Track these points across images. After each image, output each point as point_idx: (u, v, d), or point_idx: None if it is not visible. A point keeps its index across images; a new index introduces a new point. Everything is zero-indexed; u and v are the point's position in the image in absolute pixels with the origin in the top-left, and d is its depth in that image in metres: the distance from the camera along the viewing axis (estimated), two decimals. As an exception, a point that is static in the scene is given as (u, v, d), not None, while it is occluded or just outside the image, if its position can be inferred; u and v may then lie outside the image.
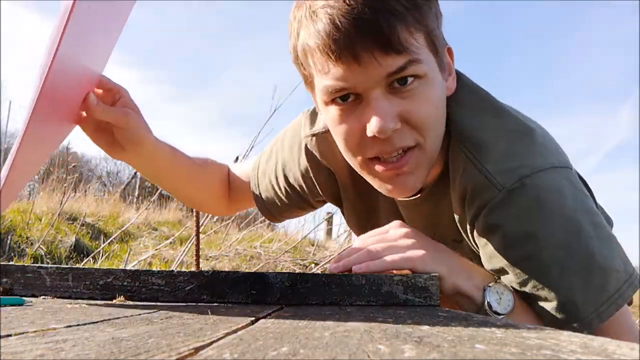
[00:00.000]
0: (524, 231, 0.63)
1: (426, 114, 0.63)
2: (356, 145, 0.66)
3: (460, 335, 0.30)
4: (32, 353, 0.22)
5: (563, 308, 0.62)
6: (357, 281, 0.61)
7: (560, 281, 0.62)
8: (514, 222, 0.63)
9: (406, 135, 0.63)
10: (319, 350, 0.24)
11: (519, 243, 0.63)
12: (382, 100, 0.61)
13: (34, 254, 2.95)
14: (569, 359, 0.22)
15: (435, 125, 0.65)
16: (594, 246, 0.62)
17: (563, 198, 0.63)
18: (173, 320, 0.38)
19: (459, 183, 0.68)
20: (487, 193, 0.64)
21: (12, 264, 0.62)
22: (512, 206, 0.63)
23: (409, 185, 0.67)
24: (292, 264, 3.28)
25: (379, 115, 0.60)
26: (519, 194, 0.62)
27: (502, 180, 0.63)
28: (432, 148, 0.66)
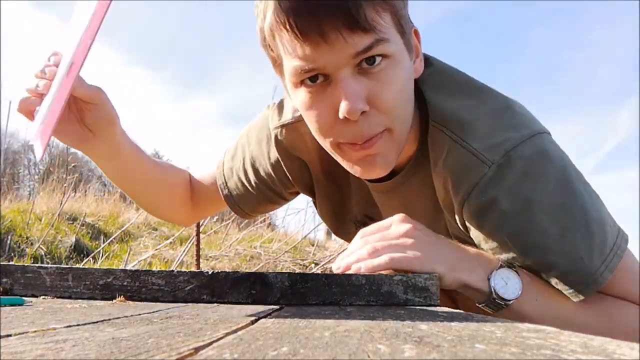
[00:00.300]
0: (519, 201, 0.63)
1: (394, 97, 0.63)
2: (328, 128, 0.66)
3: (460, 335, 0.30)
4: (32, 353, 0.22)
5: (572, 269, 0.62)
6: (357, 281, 0.61)
7: (564, 242, 0.62)
8: (508, 195, 0.63)
9: (375, 120, 0.63)
10: (319, 350, 0.24)
11: (516, 214, 0.63)
12: (351, 80, 0.61)
13: (34, 254, 2.95)
14: (569, 358, 0.22)
15: (404, 107, 0.66)
16: (587, 202, 0.64)
17: (551, 162, 0.64)
18: (173, 320, 0.38)
19: (444, 166, 0.68)
20: (476, 171, 0.64)
21: (12, 264, 0.62)
22: (504, 180, 0.63)
23: (378, 166, 0.68)
24: (292, 264, 3.28)
25: (348, 97, 0.60)
26: (508, 166, 0.63)
27: (491, 156, 0.64)
28: (401, 131, 0.67)
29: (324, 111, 0.64)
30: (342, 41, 0.58)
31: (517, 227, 0.64)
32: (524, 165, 0.63)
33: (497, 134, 0.65)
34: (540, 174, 0.63)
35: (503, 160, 0.63)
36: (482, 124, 0.66)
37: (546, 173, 0.63)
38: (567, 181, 0.64)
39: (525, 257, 0.64)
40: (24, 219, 3.40)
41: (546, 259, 0.63)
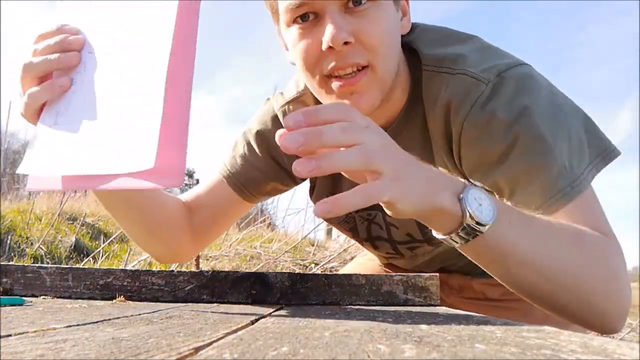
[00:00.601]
0: (516, 110, 0.66)
1: (378, 34, 0.67)
2: (314, 61, 0.69)
3: (460, 335, 0.30)
4: (32, 353, 0.22)
5: (560, 172, 0.64)
6: (357, 281, 0.61)
7: (555, 147, 0.64)
8: (504, 107, 0.66)
9: (358, 52, 0.67)
10: (319, 350, 0.24)
11: (513, 121, 0.66)
12: (337, 15, 0.66)
13: (34, 254, 2.95)
14: (569, 358, 0.22)
15: (388, 48, 0.69)
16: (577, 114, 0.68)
17: (538, 82, 0.69)
18: (173, 320, 0.38)
19: (444, 98, 0.71)
20: (475, 90, 0.68)
21: (12, 264, 0.62)
22: (500, 95, 0.67)
23: (362, 104, 0.69)
24: (292, 264, 3.28)
25: (334, 27, 0.65)
26: (502, 84, 0.67)
27: (487, 76, 0.68)
28: (384, 72, 0.69)
29: (311, 44, 0.68)
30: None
31: (513, 137, 0.66)
32: (516, 83, 0.68)
33: (487, 61, 0.70)
34: (532, 89, 0.68)
35: (497, 80, 0.68)
36: (473, 57, 0.71)
37: (537, 89, 0.68)
38: (557, 96, 0.69)
39: (518, 165, 0.65)
40: (24, 219, 3.40)
41: (537, 164, 0.64)
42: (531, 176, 0.65)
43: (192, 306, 0.54)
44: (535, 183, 0.64)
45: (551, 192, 0.64)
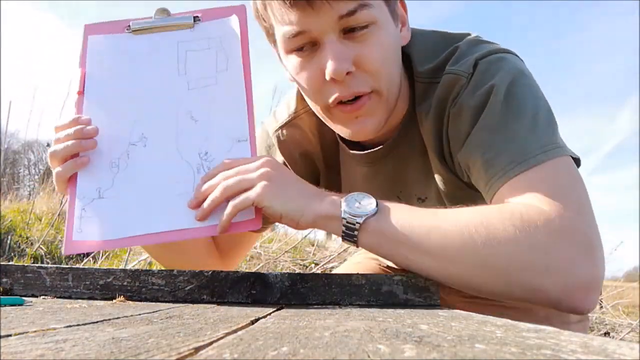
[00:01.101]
0: (482, 93, 0.67)
1: (379, 59, 0.67)
2: (317, 89, 0.70)
3: (460, 335, 0.30)
4: (32, 353, 0.22)
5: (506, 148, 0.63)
6: (357, 281, 0.61)
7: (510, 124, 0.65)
8: (473, 92, 0.68)
9: (361, 80, 0.67)
10: (319, 350, 0.24)
11: (481, 106, 0.67)
12: (336, 43, 0.65)
13: (34, 254, 2.95)
14: (569, 358, 0.22)
15: (389, 70, 0.69)
16: (541, 102, 0.68)
17: (511, 63, 0.70)
18: (173, 320, 0.38)
19: (436, 102, 0.72)
20: (456, 85, 0.69)
21: (12, 264, 0.62)
22: (471, 83, 0.69)
23: (367, 127, 0.71)
24: (292, 264, 3.28)
25: (333, 58, 0.65)
26: (475, 72, 0.69)
27: (466, 69, 0.69)
28: (388, 93, 0.70)
29: (313, 74, 0.68)
30: (327, 6, 0.63)
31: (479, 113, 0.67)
32: (487, 67, 0.69)
33: (470, 54, 0.71)
34: (500, 70, 0.68)
35: (473, 69, 0.69)
36: (457, 54, 0.72)
37: (507, 71, 0.68)
38: (524, 79, 0.69)
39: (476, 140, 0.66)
40: (24, 219, 3.40)
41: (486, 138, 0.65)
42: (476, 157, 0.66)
43: (192, 306, 0.54)
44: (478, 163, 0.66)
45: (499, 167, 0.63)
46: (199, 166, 0.67)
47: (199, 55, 0.72)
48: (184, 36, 0.73)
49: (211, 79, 0.71)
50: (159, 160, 0.67)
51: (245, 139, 0.68)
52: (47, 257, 3.05)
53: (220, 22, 0.74)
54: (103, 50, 0.73)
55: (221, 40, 0.73)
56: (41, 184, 4.74)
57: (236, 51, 0.72)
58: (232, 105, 0.70)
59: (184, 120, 0.69)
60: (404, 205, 0.63)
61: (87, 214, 0.65)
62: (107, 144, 0.68)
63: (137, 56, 0.73)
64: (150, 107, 0.70)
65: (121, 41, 0.73)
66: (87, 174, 0.67)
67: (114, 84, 0.71)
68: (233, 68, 0.72)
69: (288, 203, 0.62)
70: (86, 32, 0.74)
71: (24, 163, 15.39)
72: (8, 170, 7.70)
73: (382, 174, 0.82)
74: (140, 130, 0.69)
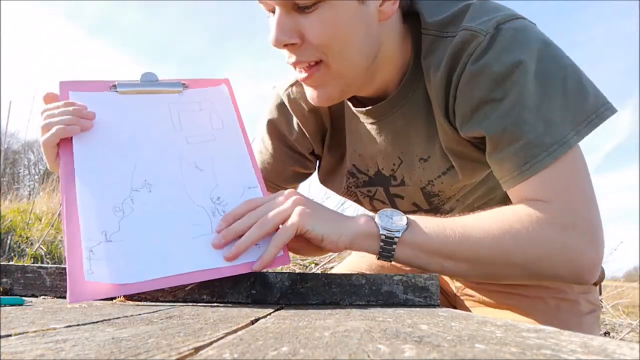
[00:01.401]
0: (509, 63, 0.66)
1: (325, 33, 0.68)
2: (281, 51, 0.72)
3: (460, 335, 0.30)
4: (32, 353, 0.22)
5: (544, 131, 0.65)
6: (357, 281, 0.61)
7: (542, 105, 0.66)
8: (498, 58, 0.67)
9: (308, 50, 0.69)
10: (319, 350, 0.24)
11: (505, 76, 0.66)
12: (282, 15, 0.67)
13: (34, 254, 2.95)
14: (569, 358, 0.22)
15: (343, 46, 0.70)
16: (569, 72, 0.68)
17: (537, 34, 0.70)
18: (173, 320, 0.38)
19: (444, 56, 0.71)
20: (473, 42, 0.68)
21: (12, 264, 0.62)
22: (495, 45, 0.67)
23: (319, 96, 0.74)
24: (292, 264, 3.28)
25: (275, 28, 0.68)
26: (499, 34, 0.68)
27: (485, 27, 0.68)
28: (340, 68, 0.71)
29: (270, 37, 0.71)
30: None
31: (504, 89, 0.66)
32: (513, 34, 0.68)
33: (486, 14, 0.71)
34: (528, 41, 0.68)
35: (494, 31, 0.68)
36: (474, 12, 0.71)
37: (534, 42, 0.68)
38: (551, 50, 0.69)
39: (505, 119, 0.66)
40: (24, 219, 3.40)
41: (526, 117, 0.65)
42: (508, 140, 0.67)
43: (192, 306, 0.54)
44: (510, 148, 0.66)
45: (522, 161, 0.66)
46: (214, 210, 0.65)
47: (192, 115, 0.73)
48: (173, 99, 0.74)
49: (209, 136, 0.72)
50: (169, 205, 0.64)
51: (255, 186, 0.69)
52: (47, 257, 3.05)
53: (209, 90, 0.76)
54: (88, 105, 0.69)
55: (212, 103, 0.75)
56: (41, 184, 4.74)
57: (230, 112, 0.75)
58: (235, 157, 0.71)
59: (189, 169, 0.68)
60: (430, 217, 0.68)
61: (95, 256, 0.59)
62: (108, 190, 0.64)
63: (127, 111, 0.71)
64: (150, 156, 0.68)
65: (107, 98, 0.71)
66: (89, 216, 0.61)
67: (106, 134, 0.68)
68: (229, 125, 0.73)
69: (327, 225, 0.63)
70: (64, 88, 0.71)
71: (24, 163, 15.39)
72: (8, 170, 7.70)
73: (386, 132, 0.82)
74: (142, 177, 0.66)
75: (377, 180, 0.88)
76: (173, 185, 0.66)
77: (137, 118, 0.71)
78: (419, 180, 0.83)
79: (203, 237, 0.63)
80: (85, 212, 0.62)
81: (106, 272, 0.57)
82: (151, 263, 0.59)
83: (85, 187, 0.64)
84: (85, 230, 0.60)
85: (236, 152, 0.71)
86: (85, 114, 0.67)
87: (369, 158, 0.87)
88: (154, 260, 0.60)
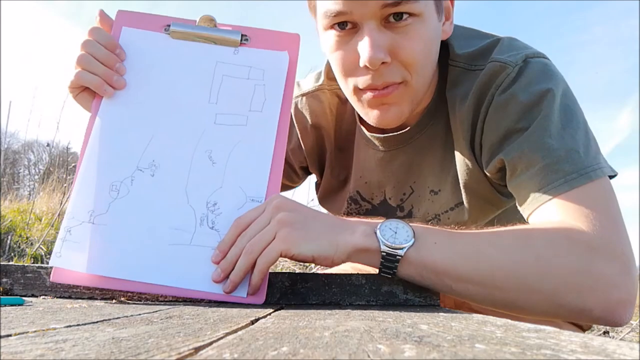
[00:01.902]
0: (537, 93, 0.66)
1: (417, 51, 0.66)
2: (350, 72, 0.69)
3: (460, 335, 0.30)
4: (32, 353, 0.22)
5: (567, 157, 0.63)
6: (357, 281, 0.61)
7: (566, 133, 0.65)
8: (526, 88, 0.67)
9: (394, 70, 0.67)
10: (319, 350, 0.24)
11: (532, 105, 0.66)
12: (375, 31, 0.64)
13: (34, 254, 2.95)
14: (569, 358, 0.22)
15: (425, 64, 0.69)
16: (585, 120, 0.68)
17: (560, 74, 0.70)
18: (173, 320, 0.38)
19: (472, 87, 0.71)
20: (502, 74, 0.69)
21: (12, 264, 0.62)
22: (523, 77, 0.67)
23: (391, 114, 0.71)
24: (292, 264, 3.28)
25: (370, 46, 0.64)
26: (527, 67, 0.68)
27: (514, 59, 0.69)
28: (417, 86, 0.70)
29: (348, 56, 0.68)
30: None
31: (534, 114, 0.66)
32: (541, 67, 0.68)
33: (514, 50, 0.71)
34: (554, 75, 0.68)
35: (523, 64, 0.68)
36: (502, 46, 0.72)
37: (560, 77, 0.68)
38: (571, 92, 0.69)
39: (525, 143, 0.65)
40: (24, 219, 3.40)
41: (547, 142, 0.64)
42: (525, 164, 0.65)
43: (192, 306, 0.54)
44: (527, 172, 0.65)
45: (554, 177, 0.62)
46: (204, 217, 0.60)
47: (236, 84, 0.65)
48: (225, 56, 0.66)
49: (241, 118, 0.64)
50: (163, 197, 0.60)
51: (260, 201, 0.61)
52: (47, 257, 3.05)
53: (268, 55, 0.67)
54: (136, 47, 0.66)
55: (264, 74, 0.66)
56: (41, 184, 4.74)
57: (277, 93, 0.65)
58: (256, 157, 0.63)
59: (201, 158, 0.62)
60: (441, 230, 0.60)
61: (72, 237, 0.58)
62: (114, 162, 0.61)
63: (171, 65, 0.66)
64: (169, 131, 0.63)
65: (158, 42, 0.67)
66: (84, 190, 0.60)
67: (140, 89, 0.65)
68: (269, 112, 0.65)
69: (317, 242, 0.56)
70: (119, 20, 0.67)
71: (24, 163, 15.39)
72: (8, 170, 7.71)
73: (398, 161, 0.81)
74: (152, 156, 0.62)
75: (381, 210, 0.87)
76: (177, 174, 0.61)
77: (178, 77, 0.66)
78: (426, 213, 0.82)
79: (179, 248, 0.58)
80: (81, 185, 0.60)
81: (74, 258, 0.57)
82: (123, 261, 0.57)
83: (93, 153, 0.62)
84: (73, 206, 0.59)
85: (260, 150, 0.63)
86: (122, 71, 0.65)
87: (376, 186, 0.85)
88: (126, 258, 0.57)
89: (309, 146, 0.90)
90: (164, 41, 0.67)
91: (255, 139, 0.64)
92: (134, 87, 0.65)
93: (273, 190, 0.62)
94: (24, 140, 14.10)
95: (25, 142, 14.16)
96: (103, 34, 0.66)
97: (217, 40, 0.67)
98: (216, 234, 0.60)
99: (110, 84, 0.65)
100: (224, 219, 0.60)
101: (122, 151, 0.62)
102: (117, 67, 0.65)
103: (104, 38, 0.66)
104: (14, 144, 13.91)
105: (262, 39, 0.67)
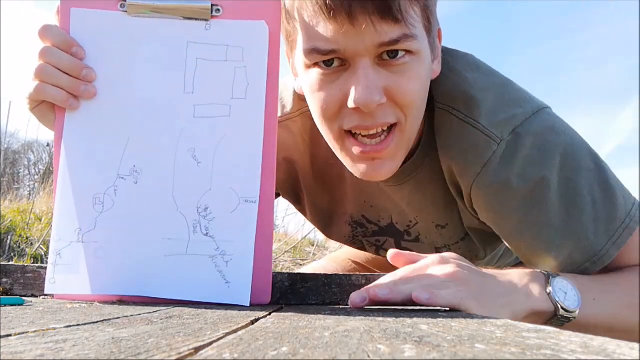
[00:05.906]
0: (532, 180, 0.62)
1: (414, 92, 0.60)
2: (333, 113, 0.61)
3: (460, 335, 0.30)
4: (32, 353, 0.22)
5: (578, 248, 0.62)
6: (357, 281, 0.61)
7: (571, 221, 0.62)
8: (519, 174, 0.62)
9: (388, 111, 0.60)
10: (319, 350, 0.24)
11: (528, 193, 0.62)
12: (370, 70, 0.57)
13: (34, 254, 2.95)
14: (569, 358, 0.22)
15: (421, 105, 0.63)
16: (594, 177, 0.63)
17: (558, 136, 0.63)
18: (173, 320, 0.38)
19: (452, 147, 0.66)
20: (486, 149, 0.63)
21: (12, 264, 0.62)
22: (515, 159, 0.62)
23: (384, 170, 0.64)
24: (292, 264, 3.28)
25: (365, 87, 0.57)
26: (518, 144, 0.62)
27: (499, 133, 0.63)
28: (411, 128, 0.63)
29: (334, 96, 0.60)
30: (370, 27, 0.55)
31: (529, 207, 0.63)
32: (533, 142, 0.62)
33: (503, 110, 0.64)
34: (549, 151, 0.62)
35: (511, 138, 0.62)
36: (487, 99, 0.64)
37: (555, 149, 0.62)
38: (574, 156, 0.63)
39: (534, 237, 0.63)
40: (24, 219, 3.40)
41: (553, 238, 0.62)
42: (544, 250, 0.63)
43: (192, 306, 0.54)
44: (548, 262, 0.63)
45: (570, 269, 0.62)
46: (196, 224, 0.55)
47: (213, 68, 0.57)
48: (196, 34, 0.57)
49: (223, 108, 0.57)
50: (150, 205, 0.56)
51: (254, 201, 0.56)
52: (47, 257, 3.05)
53: (245, 26, 0.57)
54: (90, 34, 0.56)
55: (243, 53, 0.57)
56: (41, 184, 4.74)
57: (260, 74, 0.57)
58: (244, 151, 0.56)
59: (185, 158, 0.56)
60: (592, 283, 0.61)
61: (62, 260, 0.55)
62: (93, 172, 0.56)
63: (134, 52, 0.57)
64: (146, 130, 0.57)
65: (116, 24, 0.56)
66: (65, 208, 0.55)
67: (104, 87, 0.57)
68: (253, 99, 0.57)
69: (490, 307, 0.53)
70: (65, 5, 0.57)
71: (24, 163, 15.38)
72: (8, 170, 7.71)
73: (400, 195, 0.76)
74: (133, 161, 0.56)
75: (388, 232, 0.83)
76: (161, 179, 0.56)
77: (144, 65, 0.57)
78: (435, 242, 0.79)
79: (175, 258, 0.55)
80: (62, 204, 0.55)
81: (70, 282, 0.54)
82: (121, 278, 0.55)
83: (68, 167, 0.55)
84: (57, 228, 0.55)
85: (248, 143, 0.56)
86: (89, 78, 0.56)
87: (382, 210, 0.80)
88: (125, 275, 0.55)
89: (280, 180, 0.80)
90: (122, 21, 0.57)
91: (242, 131, 0.56)
92: (97, 85, 0.57)
93: (267, 188, 0.56)
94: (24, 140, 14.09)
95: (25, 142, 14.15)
96: (56, 33, 0.56)
97: (185, 11, 0.56)
98: (211, 241, 0.55)
99: (78, 96, 0.56)
100: (218, 224, 0.55)
101: (99, 160, 0.56)
102: (84, 74, 0.56)
103: (59, 37, 0.56)
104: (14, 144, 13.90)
105: (236, 9, 0.57)
